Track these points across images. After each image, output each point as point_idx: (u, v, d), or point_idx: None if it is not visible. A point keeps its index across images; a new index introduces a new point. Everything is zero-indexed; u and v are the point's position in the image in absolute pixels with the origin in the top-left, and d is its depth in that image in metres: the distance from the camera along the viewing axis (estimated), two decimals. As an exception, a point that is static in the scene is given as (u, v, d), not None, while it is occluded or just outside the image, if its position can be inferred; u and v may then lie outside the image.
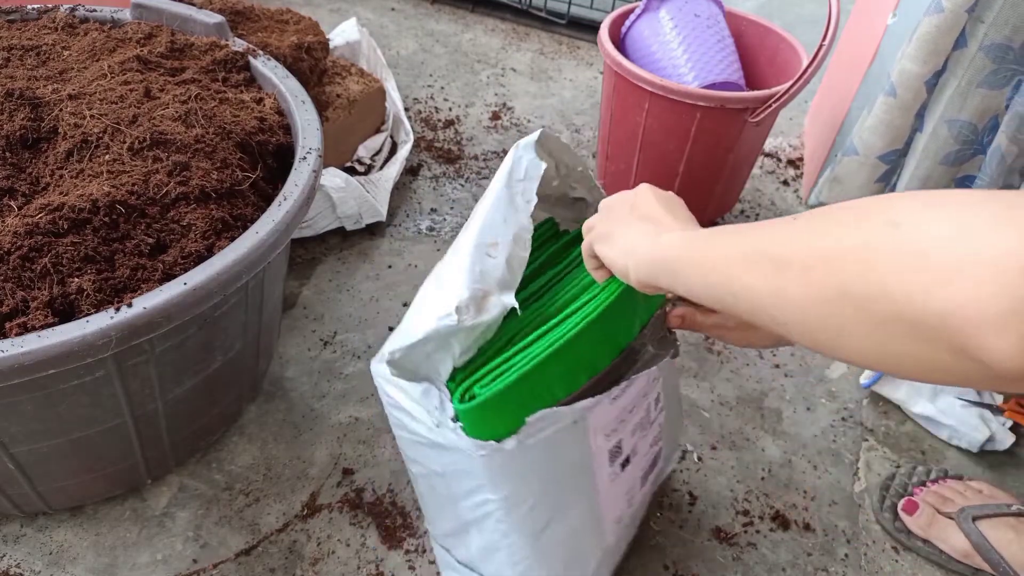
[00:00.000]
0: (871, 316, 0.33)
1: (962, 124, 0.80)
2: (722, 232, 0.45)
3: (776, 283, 0.38)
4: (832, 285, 0.35)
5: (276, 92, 0.86)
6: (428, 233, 1.17)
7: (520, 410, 0.55)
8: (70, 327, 0.56)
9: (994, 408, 0.93)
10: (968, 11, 0.75)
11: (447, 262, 0.58)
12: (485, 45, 1.68)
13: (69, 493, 0.75)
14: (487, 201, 0.59)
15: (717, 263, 0.43)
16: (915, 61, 0.80)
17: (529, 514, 0.61)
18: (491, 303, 0.54)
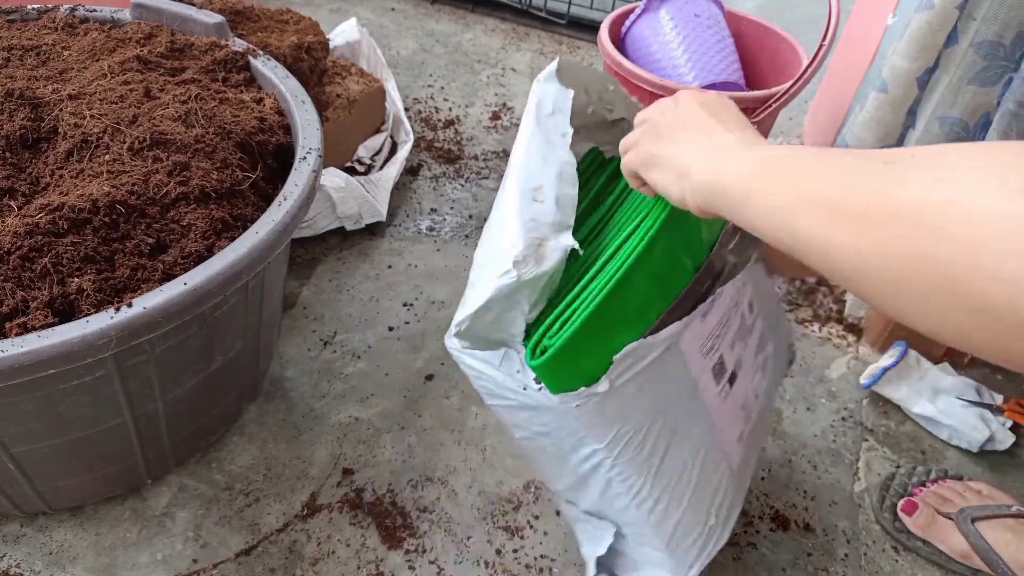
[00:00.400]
0: (954, 295, 0.30)
1: (953, 121, 0.80)
2: (787, 161, 0.40)
3: (858, 239, 0.34)
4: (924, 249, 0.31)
5: (276, 92, 0.86)
6: (428, 233, 1.17)
7: (602, 350, 0.52)
8: (70, 327, 0.56)
9: (994, 408, 0.93)
10: (958, 8, 0.75)
11: (494, 220, 0.55)
12: (485, 45, 1.68)
13: (69, 493, 0.75)
14: (521, 146, 0.56)
15: (782, 202, 0.39)
16: (906, 57, 0.80)
17: (640, 453, 0.58)
18: (549, 249, 0.51)
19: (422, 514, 0.81)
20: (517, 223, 0.51)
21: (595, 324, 0.51)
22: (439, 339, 1.00)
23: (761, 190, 0.40)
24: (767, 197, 0.40)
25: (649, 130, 0.50)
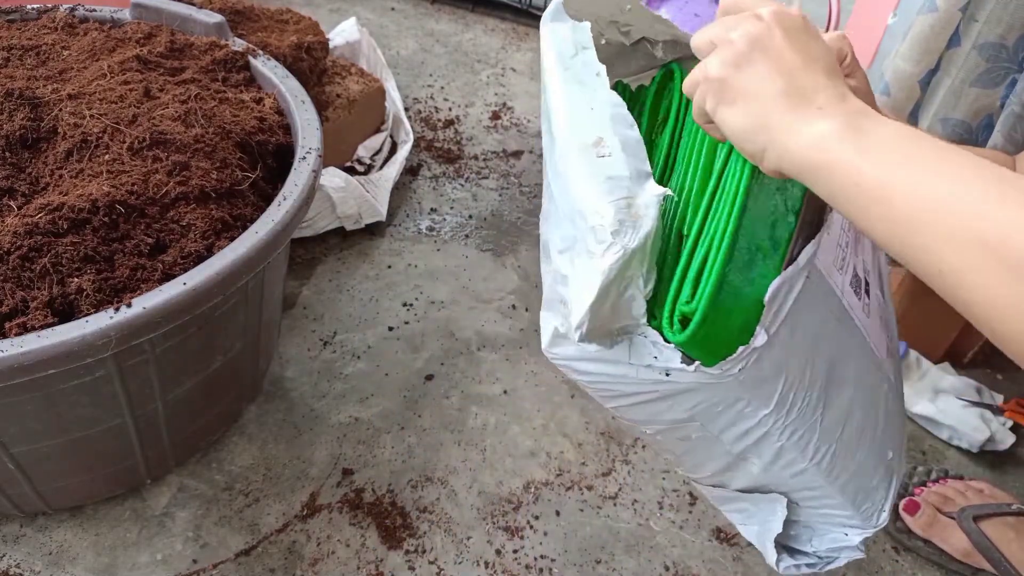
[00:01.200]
0: None
1: (956, 123, 0.80)
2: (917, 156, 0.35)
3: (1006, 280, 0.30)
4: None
5: (276, 92, 0.86)
6: (428, 233, 1.17)
7: (748, 298, 0.46)
8: (70, 327, 0.56)
9: (994, 408, 0.93)
10: (961, 10, 0.75)
11: (557, 194, 0.48)
12: (485, 45, 1.68)
13: (69, 493, 0.75)
14: (557, 99, 0.49)
15: (911, 214, 0.33)
16: (908, 60, 0.80)
17: (808, 403, 0.52)
18: (641, 207, 0.44)
19: (422, 514, 0.81)
20: (592, 188, 0.44)
21: (734, 268, 0.45)
22: (439, 339, 1.00)
23: (876, 186, 0.35)
24: (889, 200, 0.34)
25: (728, 56, 0.41)
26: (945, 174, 0.34)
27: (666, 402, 0.50)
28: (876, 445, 0.58)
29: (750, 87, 0.40)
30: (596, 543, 0.80)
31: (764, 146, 0.40)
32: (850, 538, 0.59)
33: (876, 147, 0.36)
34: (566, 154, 0.47)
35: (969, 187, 0.33)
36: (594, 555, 0.79)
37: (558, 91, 0.50)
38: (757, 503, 0.59)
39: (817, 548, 0.60)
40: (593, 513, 0.82)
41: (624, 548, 0.79)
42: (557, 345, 0.50)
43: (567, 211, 0.47)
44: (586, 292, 0.44)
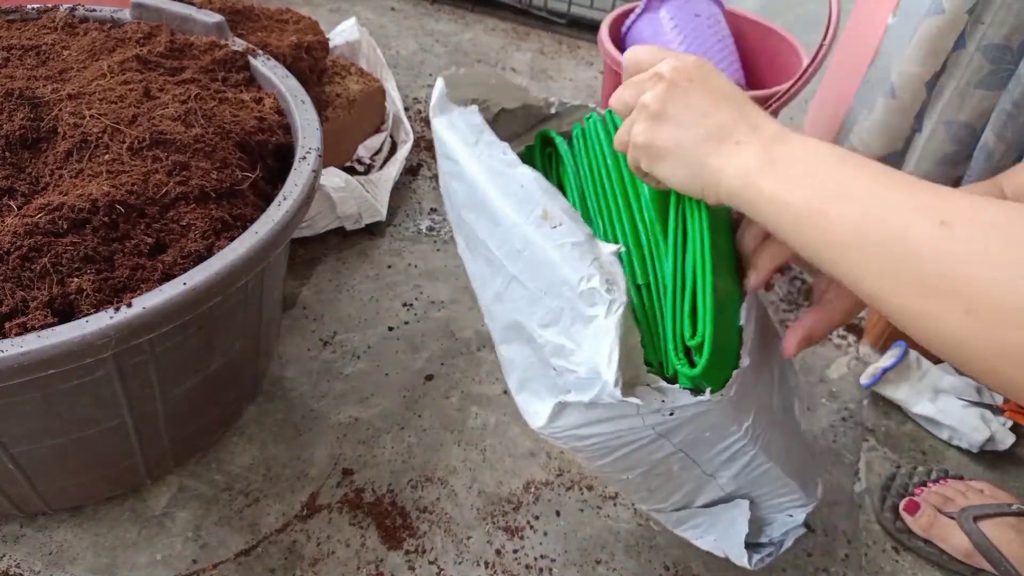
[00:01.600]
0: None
1: (960, 125, 0.80)
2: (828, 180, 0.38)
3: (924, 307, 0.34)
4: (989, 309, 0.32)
5: (276, 92, 0.86)
6: (428, 233, 1.17)
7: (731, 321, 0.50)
8: (70, 327, 0.56)
9: (994, 408, 0.93)
10: (968, 12, 0.75)
11: (526, 281, 0.50)
12: (485, 45, 1.68)
13: (69, 493, 0.75)
14: (484, 185, 0.51)
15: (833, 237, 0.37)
16: (915, 63, 0.80)
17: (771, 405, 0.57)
18: (607, 264, 0.47)
19: (422, 514, 0.81)
20: (565, 257, 0.47)
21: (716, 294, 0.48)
22: (439, 339, 1.00)
23: (802, 215, 0.38)
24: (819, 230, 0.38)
25: (646, 117, 0.45)
26: (855, 195, 0.37)
27: (659, 442, 0.52)
28: (799, 426, 0.66)
29: (673, 142, 0.44)
30: (596, 543, 0.80)
31: (702, 188, 0.44)
32: (795, 518, 0.65)
33: (789, 175, 0.40)
34: (523, 234, 0.49)
35: (882, 203, 0.36)
36: (594, 555, 0.79)
37: (481, 176, 0.52)
38: (717, 515, 0.63)
39: (771, 536, 0.65)
40: (593, 513, 0.82)
41: (624, 548, 0.79)
42: (559, 418, 0.50)
43: (543, 286, 0.48)
44: (606, 352, 0.46)
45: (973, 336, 0.33)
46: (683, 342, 0.49)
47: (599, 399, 0.47)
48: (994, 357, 0.32)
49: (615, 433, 0.51)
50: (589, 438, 0.52)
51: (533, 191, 0.50)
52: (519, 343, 0.54)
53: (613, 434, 0.51)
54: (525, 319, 0.51)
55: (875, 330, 1.04)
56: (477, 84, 0.59)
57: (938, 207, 0.35)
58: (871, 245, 0.36)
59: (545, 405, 0.51)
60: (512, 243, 0.50)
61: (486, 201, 0.52)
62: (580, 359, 0.48)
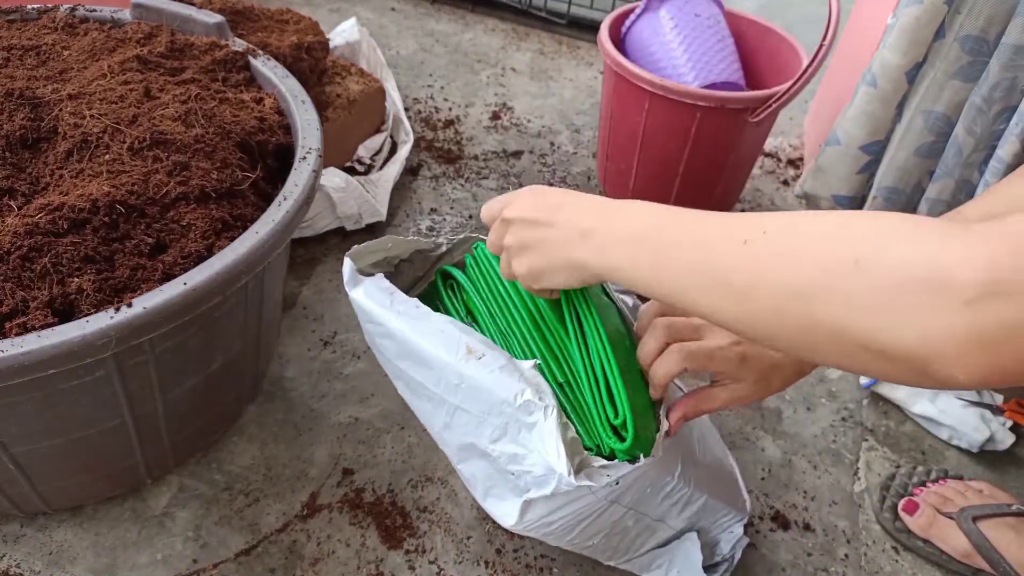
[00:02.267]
0: (843, 343, 0.36)
1: (937, 116, 0.80)
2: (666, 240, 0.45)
3: (743, 309, 0.40)
4: (803, 315, 0.37)
5: (276, 92, 0.86)
6: (428, 233, 1.17)
7: (641, 392, 0.58)
8: (70, 327, 0.56)
9: (994, 408, 0.93)
10: (947, 3, 0.75)
11: (469, 407, 0.58)
12: (485, 45, 1.68)
13: (69, 493, 0.75)
14: (414, 339, 0.59)
15: (674, 281, 0.44)
16: (895, 52, 0.80)
17: (694, 448, 0.67)
18: (530, 377, 0.56)
19: (422, 514, 0.81)
20: (498, 381, 0.55)
21: (624, 373, 0.57)
22: (439, 339, 1.00)
23: (648, 269, 0.46)
24: (658, 274, 0.45)
25: (515, 253, 0.54)
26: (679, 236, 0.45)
27: (612, 508, 0.60)
28: (721, 450, 0.78)
29: (543, 261, 0.52)
30: (596, 543, 0.80)
31: (580, 279, 0.52)
32: (736, 532, 0.75)
33: (626, 240, 0.47)
34: (456, 370, 0.57)
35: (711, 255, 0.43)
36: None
37: (405, 331, 0.60)
38: (673, 550, 0.72)
39: (723, 553, 0.75)
40: (593, 513, 0.82)
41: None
42: (527, 514, 0.58)
43: (485, 409, 0.57)
44: (553, 450, 0.54)
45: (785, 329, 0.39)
46: (609, 423, 0.57)
47: (558, 489, 0.55)
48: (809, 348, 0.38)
49: (576, 512, 0.59)
50: (555, 522, 0.59)
51: (451, 333, 0.58)
52: (474, 459, 0.61)
53: (574, 513, 0.59)
54: (475, 439, 0.59)
55: (875, 330, 1.04)
56: (375, 251, 0.68)
57: (741, 229, 0.41)
58: (696, 274, 0.43)
59: (512, 506, 0.58)
60: (448, 379, 0.58)
61: (415, 351, 0.60)
62: (533, 461, 0.55)
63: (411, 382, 0.63)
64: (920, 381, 0.34)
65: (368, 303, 0.62)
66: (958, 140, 0.77)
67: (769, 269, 0.39)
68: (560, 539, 0.63)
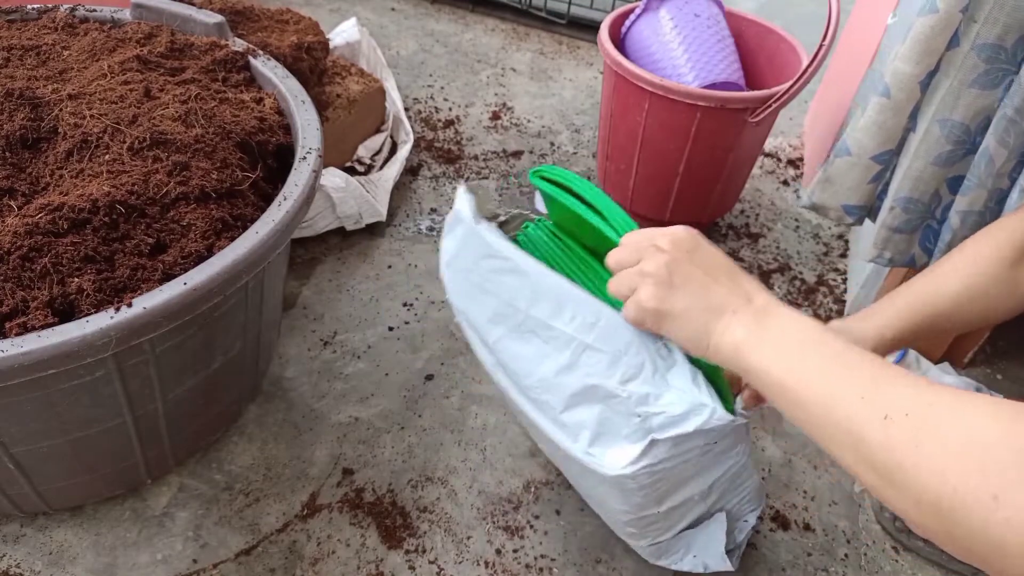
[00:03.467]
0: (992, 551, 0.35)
1: (954, 124, 0.80)
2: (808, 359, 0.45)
3: (876, 479, 0.40)
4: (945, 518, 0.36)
5: (276, 92, 0.86)
6: (428, 233, 1.17)
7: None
8: (70, 327, 0.56)
9: (994, 408, 0.93)
10: (962, 11, 0.75)
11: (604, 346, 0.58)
12: (485, 45, 1.68)
13: (69, 493, 0.75)
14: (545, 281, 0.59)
15: (815, 421, 0.43)
16: (908, 62, 0.80)
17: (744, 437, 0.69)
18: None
19: (422, 514, 0.81)
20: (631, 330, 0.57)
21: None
22: (439, 339, 1.00)
23: (791, 394, 0.45)
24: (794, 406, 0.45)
25: (653, 284, 0.52)
26: (816, 381, 0.44)
27: (704, 459, 0.62)
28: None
29: (679, 309, 0.51)
30: (596, 542, 0.80)
31: (704, 351, 0.51)
32: (750, 522, 0.76)
33: (770, 353, 0.47)
34: (595, 309, 0.58)
35: (834, 392, 0.42)
36: (594, 554, 0.79)
37: (542, 268, 0.60)
38: (694, 535, 0.73)
39: (737, 540, 0.76)
40: (593, 513, 0.82)
41: (624, 547, 0.79)
42: (647, 456, 0.58)
43: (622, 348, 0.57)
44: (701, 387, 0.56)
45: (926, 522, 0.37)
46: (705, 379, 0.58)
47: (706, 424, 0.55)
48: (949, 544, 0.37)
49: (684, 459, 0.60)
50: (661, 469, 0.60)
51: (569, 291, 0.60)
52: (589, 404, 0.61)
53: (683, 460, 0.60)
54: (602, 380, 0.58)
55: (875, 330, 1.04)
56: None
57: (883, 398, 0.40)
58: (830, 427, 0.42)
59: (628, 450, 0.59)
60: (585, 318, 0.58)
61: (549, 288, 0.60)
62: (669, 400, 0.56)
63: (526, 323, 0.62)
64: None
65: (494, 238, 0.62)
66: (989, 151, 0.77)
67: (910, 464, 0.38)
68: (646, 499, 0.64)
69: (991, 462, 0.35)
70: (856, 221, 0.91)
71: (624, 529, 0.73)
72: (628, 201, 1.19)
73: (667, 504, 0.66)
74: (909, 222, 0.84)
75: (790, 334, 0.47)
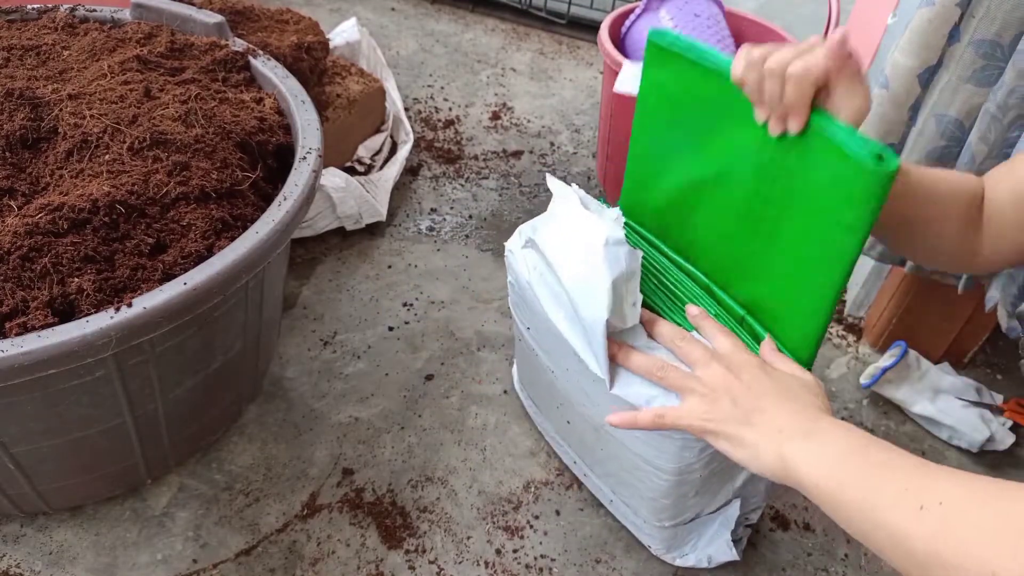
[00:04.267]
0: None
1: (949, 120, 0.80)
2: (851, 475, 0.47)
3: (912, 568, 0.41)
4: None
5: (276, 92, 0.86)
6: (428, 233, 1.17)
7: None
8: (70, 327, 0.56)
9: (994, 408, 0.93)
10: (959, 5, 0.75)
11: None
12: (485, 45, 1.68)
13: (69, 493, 0.75)
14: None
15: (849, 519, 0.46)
16: (906, 54, 0.80)
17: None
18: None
19: (422, 514, 0.81)
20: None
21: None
22: (439, 339, 1.00)
23: (831, 501, 0.48)
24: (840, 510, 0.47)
25: (721, 408, 0.56)
26: (856, 484, 0.47)
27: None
28: None
29: (744, 432, 0.55)
30: (596, 542, 0.80)
31: (760, 467, 0.53)
32: (752, 519, 0.78)
33: (815, 462, 0.50)
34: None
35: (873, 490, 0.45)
36: (594, 555, 0.79)
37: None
38: (705, 524, 0.75)
39: (737, 535, 0.76)
40: (593, 512, 0.82)
41: (624, 548, 0.79)
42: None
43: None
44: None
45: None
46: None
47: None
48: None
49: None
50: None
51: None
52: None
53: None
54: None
55: (875, 330, 1.04)
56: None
57: (920, 490, 0.42)
58: (870, 524, 0.44)
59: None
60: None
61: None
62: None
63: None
64: None
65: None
66: (971, 147, 0.77)
67: (948, 552, 0.39)
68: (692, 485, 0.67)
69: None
70: None
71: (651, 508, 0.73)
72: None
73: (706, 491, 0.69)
74: None
75: (834, 445, 0.50)
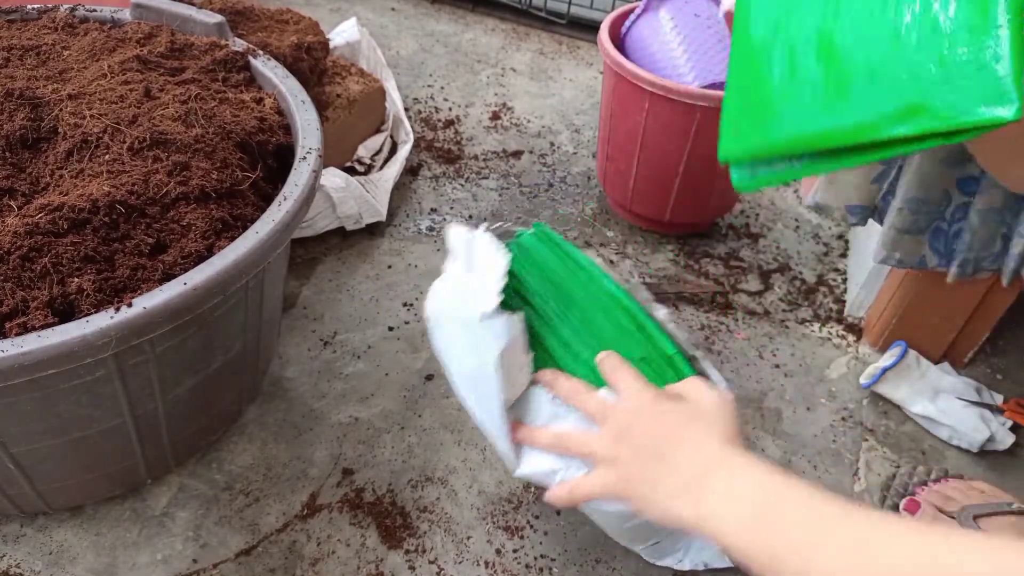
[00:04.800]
0: None
1: None
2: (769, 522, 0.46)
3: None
4: None
5: (276, 92, 0.86)
6: (428, 233, 1.17)
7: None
8: (70, 327, 0.56)
9: (994, 408, 0.93)
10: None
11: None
12: (485, 45, 1.68)
13: (69, 493, 0.75)
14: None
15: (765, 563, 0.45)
16: None
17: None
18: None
19: (422, 514, 0.81)
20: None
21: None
22: (439, 339, 1.00)
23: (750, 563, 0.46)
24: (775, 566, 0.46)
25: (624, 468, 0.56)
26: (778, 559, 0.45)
27: None
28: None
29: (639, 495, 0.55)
30: (596, 542, 0.80)
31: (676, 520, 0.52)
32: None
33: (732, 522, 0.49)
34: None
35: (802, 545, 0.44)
36: (594, 555, 0.79)
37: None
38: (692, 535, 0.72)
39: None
40: (593, 513, 0.82)
41: (624, 548, 0.79)
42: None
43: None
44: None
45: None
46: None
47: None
48: None
49: None
50: None
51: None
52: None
53: None
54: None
55: (875, 330, 1.04)
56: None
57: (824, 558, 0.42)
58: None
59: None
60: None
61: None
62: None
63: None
64: None
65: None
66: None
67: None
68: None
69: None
70: (859, 221, 0.91)
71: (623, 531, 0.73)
72: (628, 201, 1.19)
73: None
74: (917, 223, 0.84)
75: (747, 503, 0.48)
